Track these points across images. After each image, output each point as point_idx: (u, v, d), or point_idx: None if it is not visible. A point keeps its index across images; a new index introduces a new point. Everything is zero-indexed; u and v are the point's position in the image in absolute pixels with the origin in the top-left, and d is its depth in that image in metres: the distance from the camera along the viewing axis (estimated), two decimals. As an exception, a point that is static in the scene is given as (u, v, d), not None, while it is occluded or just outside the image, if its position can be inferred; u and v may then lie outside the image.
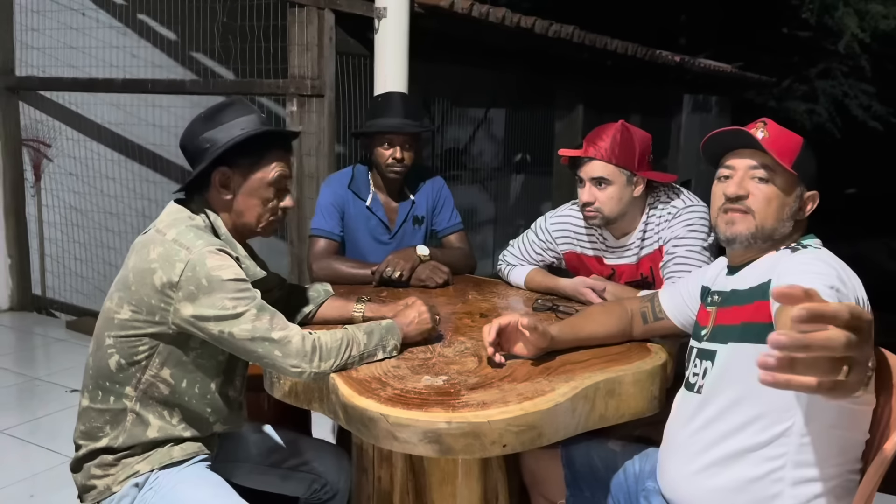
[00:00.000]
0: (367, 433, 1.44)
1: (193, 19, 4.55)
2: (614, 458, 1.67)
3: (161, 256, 1.48)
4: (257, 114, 1.60)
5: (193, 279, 1.45)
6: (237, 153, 1.56)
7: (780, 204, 1.41)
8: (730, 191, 1.44)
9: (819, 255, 1.35)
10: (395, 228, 2.55)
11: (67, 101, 4.93)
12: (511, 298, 2.22)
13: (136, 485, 1.53)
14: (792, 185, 1.42)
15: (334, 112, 3.67)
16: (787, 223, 1.42)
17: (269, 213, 1.61)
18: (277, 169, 1.59)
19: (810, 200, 1.44)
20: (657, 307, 1.72)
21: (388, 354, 1.63)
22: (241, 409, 1.72)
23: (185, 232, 1.51)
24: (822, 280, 1.22)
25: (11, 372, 3.81)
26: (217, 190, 1.58)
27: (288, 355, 1.49)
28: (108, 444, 1.54)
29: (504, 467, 1.84)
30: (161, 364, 1.53)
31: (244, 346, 1.48)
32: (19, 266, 4.89)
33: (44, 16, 4.71)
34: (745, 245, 1.45)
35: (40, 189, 4.91)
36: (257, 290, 1.53)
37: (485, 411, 1.37)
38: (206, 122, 1.57)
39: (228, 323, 1.46)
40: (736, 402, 1.35)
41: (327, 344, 1.53)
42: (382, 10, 3.33)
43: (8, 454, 2.90)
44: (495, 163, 7.88)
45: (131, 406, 1.54)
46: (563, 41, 4.85)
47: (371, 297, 2.02)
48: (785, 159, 1.39)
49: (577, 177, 2.07)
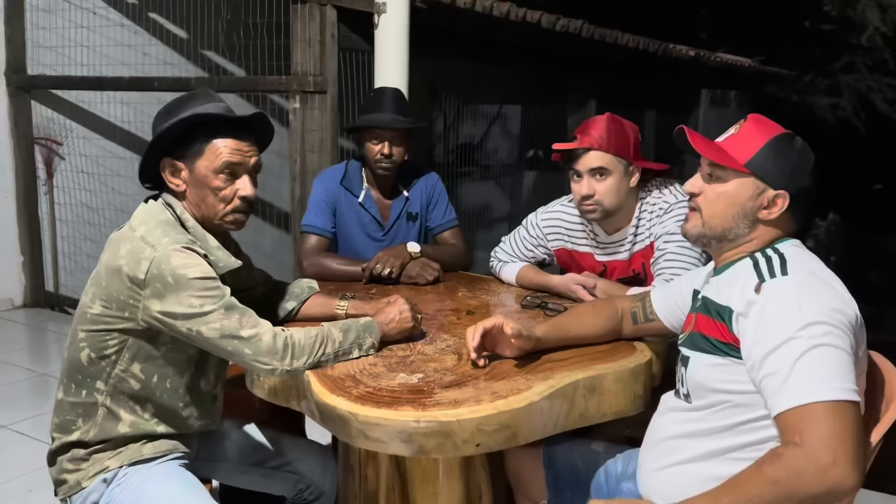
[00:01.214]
0: (340, 432, 1.43)
1: (202, 17, 4.57)
2: (596, 458, 1.63)
3: (128, 253, 1.47)
4: (217, 103, 1.56)
5: (159, 277, 1.44)
6: (182, 143, 1.53)
7: (729, 203, 1.36)
8: (685, 188, 1.44)
9: (785, 291, 1.25)
10: (389, 225, 2.53)
11: (79, 99, 4.97)
12: (501, 295, 2.19)
13: (104, 480, 1.52)
14: (745, 185, 1.35)
15: (337, 108, 3.67)
16: (742, 223, 1.36)
17: (222, 202, 1.56)
18: (224, 155, 1.53)
19: (779, 200, 1.34)
20: (648, 308, 1.69)
21: (365, 353, 1.61)
22: (216, 403, 1.70)
23: (153, 229, 1.50)
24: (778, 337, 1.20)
25: (23, 368, 3.85)
26: (170, 182, 1.56)
27: (258, 353, 1.48)
28: (79, 438, 1.54)
29: (488, 467, 1.81)
30: (131, 359, 1.53)
31: (214, 344, 1.48)
32: (32, 263, 4.95)
33: (55, 14, 4.75)
34: (700, 244, 1.44)
35: (52, 187, 4.97)
36: (226, 288, 1.51)
37: (455, 410, 1.35)
38: (166, 115, 1.55)
39: (196, 321, 1.45)
40: (712, 409, 1.33)
41: (300, 341, 1.52)
42: (382, 6, 3.31)
43: (10, 449, 2.93)
44: (508, 159, 7.85)
45: (102, 400, 1.54)
46: (572, 36, 4.80)
47: (358, 294, 2.00)
48: (735, 158, 1.35)
49: (571, 172, 2.04)
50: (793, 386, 1.16)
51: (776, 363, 1.19)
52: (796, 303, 1.22)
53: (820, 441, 1.10)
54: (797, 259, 1.31)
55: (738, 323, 1.28)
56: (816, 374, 1.15)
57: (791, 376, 1.17)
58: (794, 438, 1.13)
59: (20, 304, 4.97)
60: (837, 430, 1.10)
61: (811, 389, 1.14)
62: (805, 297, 1.22)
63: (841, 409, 1.12)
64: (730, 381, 1.29)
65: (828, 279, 1.28)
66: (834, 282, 1.28)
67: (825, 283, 1.27)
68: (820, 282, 1.26)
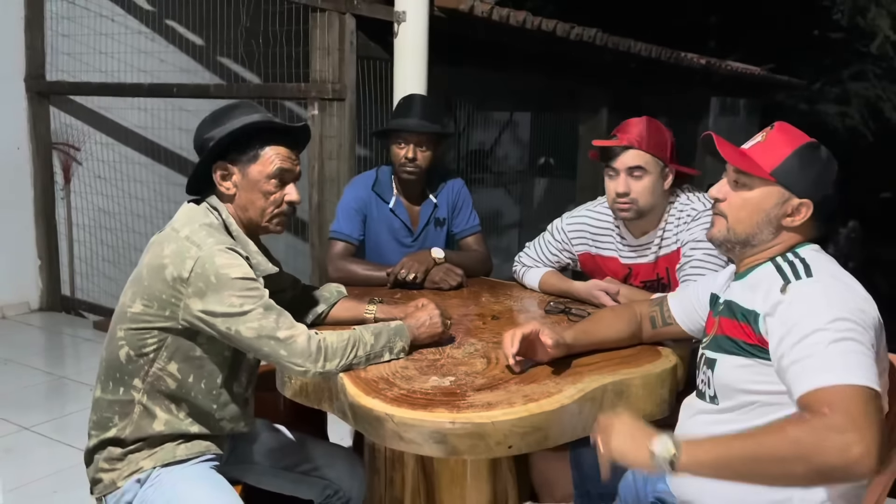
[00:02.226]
0: (374, 433, 1.45)
1: (219, 24, 4.62)
2: (624, 460, 1.65)
3: (173, 253, 1.51)
4: (262, 113, 1.62)
5: (202, 276, 1.48)
6: (237, 148, 1.58)
7: (754, 210, 1.39)
8: (711, 193, 1.47)
9: (811, 290, 1.28)
10: (418, 231, 2.54)
11: (96, 105, 5.03)
12: (525, 301, 2.22)
13: (138, 481, 1.56)
14: (771, 193, 1.38)
15: (355, 115, 3.70)
16: (766, 230, 1.39)
17: (272, 206, 1.62)
18: (277, 162, 1.60)
19: (803, 208, 1.37)
20: (666, 312, 1.72)
21: (396, 356, 1.64)
22: (248, 406, 1.73)
23: (197, 230, 1.54)
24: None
25: (40, 371, 3.89)
26: (220, 185, 1.61)
27: (293, 354, 1.51)
28: (116, 435, 1.57)
29: (514, 469, 1.84)
30: (168, 358, 1.56)
31: (250, 344, 1.51)
32: (49, 267, 4.99)
33: (74, 22, 4.81)
34: (724, 249, 1.47)
35: (70, 192, 5.01)
36: (265, 290, 1.55)
37: (489, 412, 1.38)
38: (213, 123, 1.60)
39: (235, 320, 1.49)
40: (741, 410, 1.35)
41: (333, 344, 1.55)
42: (402, 14, 3.35)
43: (34, 451, 2.97)
44: (520, 166, 7.88)
45: (139, 397, 1.57)
46: (586, 44, 4.83)
47: (384, 298, 2.03)
48: (762, 167, 1.37)
49: (608, 169, 2.05)
50: (823, 368, 1.17)
51: (805, 349, 1.20)
52: (824, 300, 1.25)
53: (849, 418, 1.10)
54: (819, 263, 1.34)
55: (766, 323, 1.30)
56: (846, 362, 1.17)
57: (821, 360, 1.18)
58: (822, 409, 1.13)
59: (37, 308, 5.01)
60: (867, 413, 1.11)
61: (841, 373, 1.15)
62: (832, 296, 1.25)
63: (870, 396, 1.14)
64: (758, 382, 1.32)
65: (849, 282, 1.31)
66: (854, 284, 1.31)
67: (846, 285, 1.30)
68: (842, 284, 1.29)
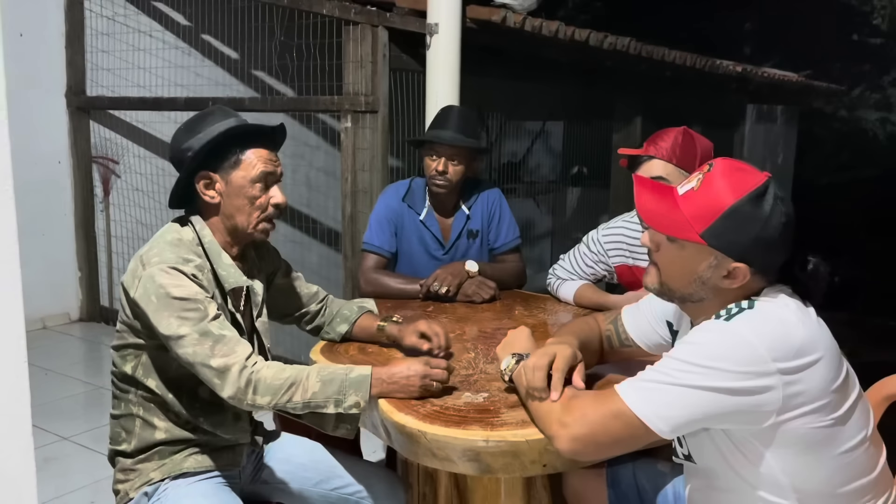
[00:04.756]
0: (407, 450, 1.44)
1: (254, 38, 4.67)
2: (662, 479, 1.62)
3: (129, 272, 1.53)
4: (237, 118, 1.60)
5: (145, 296, 1.47)
6: (217, 156, 1.56)
7: (685, 269, 1.26)
8: (642, 240, 1.34)
9: (704, 327, 1.21)
10: (450, 243, 2.51)
11: (135, 119, 5.12)
12: (559, 314, 2.19)
13: (146, 494, 1.56)
14: (702, 254, 1.23)
15: (388, 127, 3.71)
16: (701, 290, 1.26)
17: (258, 210, 1.60)
18: (259, 165, 1.58)
19: (738, 272, 1.22)
20: (622, 331, 1.63)
21: (344, 411, 1.49)
22: (240, 420, 1.67)
23: (154, 248, 1.54)
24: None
25: (80, 381, 3.95)
26: (204, 195, 1.59)
27: (225, 384, 1.45)
28: (124, 448, 1.60)
29: (549, 487, 1.81)
30: (145, 375, 1.57)
31: (190, 368, 1.48)
32: (88, 279, 5.08)
33: (113, 37, 4.91)
34: (664, 298, 1.37)
35: (108, 204, 5.10)
36: (210, 310, 1.49)
37: (523, 430, 1.36)
38: (188, 133, 1.58)
39: (174, 343, 1.46)
40: (715, 468, 1.30)
41: (266, 380, 1.46)
42: (434, 27, 3.35)
43: (72, 461, 3.00)
44: (552, 176, 7.83)
45: (136, 411, 1.59)
46: (620, 53, 4.79)
47: (416, 311, 2.02)
48: (691, 227, 1.23)
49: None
50: (637, 380, 1.22)
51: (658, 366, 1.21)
52: (711, 338, 1.18)
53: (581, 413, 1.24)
54: (765, 307, 1.21)
55: None
56: (651, 392, 1.19)
57: (648, 375, 1.21)
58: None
59: (76, 319, 5.10)
60: (599, 417, 1.21)
61: (634, 395, 1.20)
62: (724, 341, 1.16)
63: (629, 420, 1.19)
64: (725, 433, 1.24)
65: (787, 319, 1.18)
66: (796, 324, 1.17)
67: (781, 322, 1.17)
68: (774, 321, 1.17)
